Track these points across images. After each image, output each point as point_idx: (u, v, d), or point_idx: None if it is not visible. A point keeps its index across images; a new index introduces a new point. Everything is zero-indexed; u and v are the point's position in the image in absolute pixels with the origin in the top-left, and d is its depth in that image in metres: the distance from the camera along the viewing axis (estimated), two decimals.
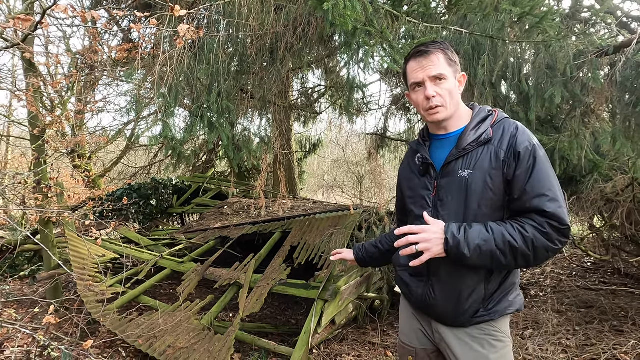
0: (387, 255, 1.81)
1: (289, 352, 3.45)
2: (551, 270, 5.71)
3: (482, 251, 1.27)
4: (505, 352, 1.42)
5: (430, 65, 1.40)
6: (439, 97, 1.40)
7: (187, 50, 2.55)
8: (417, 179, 1.52)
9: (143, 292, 4.31)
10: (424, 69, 1.41)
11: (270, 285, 4.00)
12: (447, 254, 1.29)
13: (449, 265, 1.39)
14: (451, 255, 1.29)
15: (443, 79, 1.40)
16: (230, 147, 2.99)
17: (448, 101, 1.41)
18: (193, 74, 2.74)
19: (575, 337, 3.53)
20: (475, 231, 1.29)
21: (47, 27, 2.14)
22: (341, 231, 3.92)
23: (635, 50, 2.24)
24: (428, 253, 1.29)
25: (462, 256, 1.28)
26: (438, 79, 1.40)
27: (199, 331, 3.65)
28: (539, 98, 2.51)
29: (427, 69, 1.40)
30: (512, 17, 2.63)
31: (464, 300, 1.40)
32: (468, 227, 1.31)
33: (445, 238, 1.29)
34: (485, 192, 1.33)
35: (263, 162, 3.70)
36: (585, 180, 3.44)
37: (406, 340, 1.63)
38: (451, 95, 1.41)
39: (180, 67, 2.57)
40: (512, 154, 1.32)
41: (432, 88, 1.40)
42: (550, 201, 1.25)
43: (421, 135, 1.57)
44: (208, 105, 2.61)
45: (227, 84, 2.72)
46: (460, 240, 1.27)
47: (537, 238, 1.25)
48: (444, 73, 1.39)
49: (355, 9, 2.12)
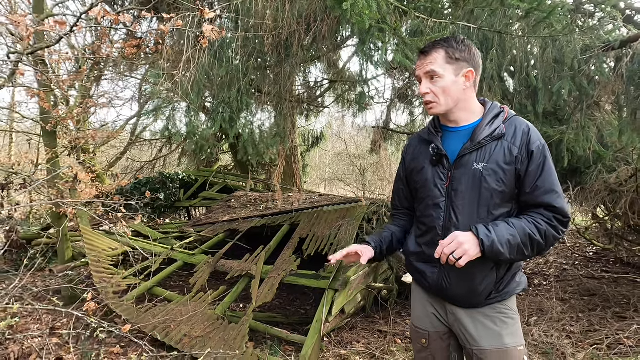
0: (399, 243, 1.79)
1: (301, 340, 3.55)
2: (554, 260, 5.82)
3: (511, 245, 1.39)
4: (516, 328, 1.54)
5: (427, 63, 1.49)
6: (431, 94, 1.50)
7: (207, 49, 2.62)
8: (429, 168, 1.58)
9: (156, 283, 4.41)
10: (421, 67, 1.52)
11: (281, 275, 4.10)
12: (484, 254, 1.38)
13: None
14: (487, 254, 1.38)
15: (437, 77, 1.48)
16: (250, 142, 3.06)
17: (441, 98, 1.49)
18: (213, 71, 2.82)
19: (579, 323, 3.64)
20: (502, 228, 1.40)
21: (80, 29, 2.20)
22: (351, 223, 4.01)
23: None
24: (466, 257, 1.36)
25: (498, 253, 1.38)
26: (432, 77, 1.49)
27: (213, 320, 3.76)
28: (547, 91, 2.58)
29: (423, 66, 1.51)
30: (519, 12, 2.69)
31: (478, 284, 1.49)
32: (494, 225, 1.41)
33: (480, 240, 1.37)
34: (498, 184, 1.43)
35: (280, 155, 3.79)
36: (589, 171, 3.52)
37: (419, 325, 1.71)
38: (445, 92, 1.48)
39: (202, 65, 2.64)
40: (525, 151, 1.43)
41: (425, 85, 1.51)
42: (558, 197, 1.42)
43: (432, 126, 1.63)
44: (229, 101, 2.69)
45: (245, 80, 2.79)
46: (494, 239, 1.37)
47: (548, 230, 1.41)
48: (438, 71, 1.47)
49: (371, 8, 2.19)
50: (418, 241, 1.65)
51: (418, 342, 1.71)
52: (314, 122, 10.45)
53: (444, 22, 2.93)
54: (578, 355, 2.96)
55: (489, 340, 1.51)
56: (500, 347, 1.49)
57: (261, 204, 6.19)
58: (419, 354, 1.71)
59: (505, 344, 1.49)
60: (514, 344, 1.50)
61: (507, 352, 1.49)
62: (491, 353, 1.49)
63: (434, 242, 1.53)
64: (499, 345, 1.49)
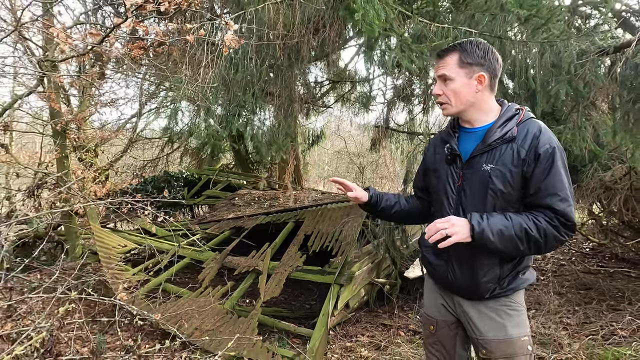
0: (399, 214, 1.91)
1: (308, 333, 3.68)
2: (551, 255, 5.97)
3: (503, 236, 1.44)
4: (520, 319, 1.62)
5: (440, 67, 1.60)
6: (444, 96, 1.61)
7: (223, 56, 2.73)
8: (444, 167, 1.68)
9: (166, 279, 4.53)
10: (436, 70, 1.63)
11: (288, 271, 4.23)
12: (473, 238, 1.46)
13: (468, 247, 1.54)
14: (476, 239, 1.45)
15: (449, 80, 1.58)
16: (263, 142, 3.19)
17: (452, 100, 1.59)
18: (229, 75, 2.94)
19: (575, 315, 3.79)
20: (497, 218, 1.47)
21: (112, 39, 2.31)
22: (355, 220, 4.14)
23: (635, 51, 2.44)
24: (455, 237, 1.44)
25: (486, 240, 1.44)
26: (445, 79, 1.60)
27: (222, 314, 3.89)
28: (545, 94, 2.71)
29: (438, 69, 1.62)
30: (519, 18, 2.81)
31: (480, 279, 1.58)
32: (489, 215, 1.49)
33: (471, 225, 1.46)
34: (505, 185, 1.50)
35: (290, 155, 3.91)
36: (585, 169, 3.66)
37: (429, 312, 1.84)
38: (456, 94, 1.58)
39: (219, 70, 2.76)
40: (533, 154, 1.47)
41: (438, 87, 1.63)
42: (560, 201, 1.44)
43: (451, 126, 1.73)
44: (244, 104, 2.80)
45: (259, 84, 2.91)
46: (484, 226, 1.45)
47: (548, 228, 1.43)
48: (449, 75, 1.57)
49: (381, 17, 2.31)
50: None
51: (427, 328, 1.84)
52: (315, 120, 10.56)
53: (446, 27, 3.05)
54: (574, 345, 3.10)
55: (493, 331, 1.59)
56: (504, 337, 1.57)
57: (265, 202, 6.31)
58: (428, 339, 1.84)
59: (509, 335, 1.57)
60: (518, 334, 1.58)
61: (511, 342, 1.57)
62: (495, 343, 1.58)
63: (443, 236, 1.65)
64: (503, 336, 1.57)
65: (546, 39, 2.77)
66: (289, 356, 3.36)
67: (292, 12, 2.75)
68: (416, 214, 1.93)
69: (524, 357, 1.58)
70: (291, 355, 3.38)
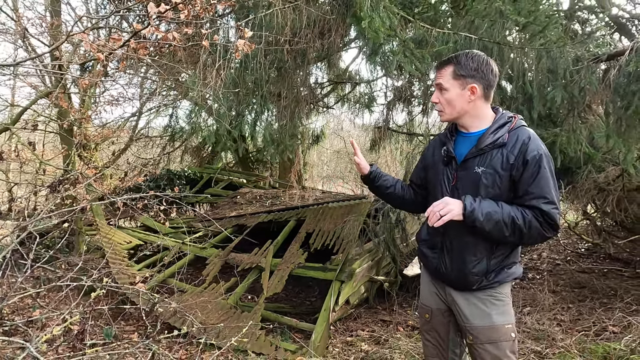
0: (392, 195, 2.07)
1: (310, 328, 3.79)
2: (547, 255, 6.09)
3: (491, 219, 1.59)
4: (505, 309, 1.77)
5: (438, 77, 1.76)
6: (440, 104, 1.78)
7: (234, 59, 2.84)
8: (440, 167, 1.84)
9: (170, 275, 4.63)
10: (435, 79, 1.80)
11: (290, 267, 4.33)
12: (464, 217, 1.61)
13: (459, 241, 1.73)
14: (467, 217, 1.61)
15: (444, 89, 1.74)
16: (271, 143, 3.30)
17: (447, 108, 1.76)
18: (239, 78, 3.04)
19: (569, 312, 3.91)
20: (488, 203, 1.63)
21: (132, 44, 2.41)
22: (356, 218, 4.24)
23: (627, 60, 2.56)
24: (449, 215, 1.61)
25: (475, 220, 1.59)
26: (440, 89, 1.76)
27: (227, 309, 3.99)
28: (541, 98, 2.83)
29: (436, 79, 1.79)
30: (517, 24, 2.92)
31: (468, 271, 1.73)
32: (482, 199, 1.65)
33: (463, 204, 1.62)
34: (494, 187, 1.67)
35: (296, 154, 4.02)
36: (580, 171, 3.79)
37: (425, 301, 1.99)
38: (450, 103, 1.74)
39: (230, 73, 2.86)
40: (521, 160, 1.62)
41: (435, 95, 1.80)
42: (546, 203, 1.59)
43: (449, 130, 1.88)
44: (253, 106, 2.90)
45: (267, 86, 3.02)
46: (475, 207, 1.60)
47: (533, 222, 1.59)
48: (445, 85, 1.72)
49: (386, 24, 2.42)
50: (428, 230, 1.91)
51: (423, 316, 1.99)
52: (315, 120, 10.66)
53: (447, 32, 3.16)
54: (567, 340, 3.22)
55: (479, 319, 1.74)
56: (490, 324, 1.72)
57: (266, 200, 6.41)
58: (424, 327, 2.00)
59: (493, 322, 1.72)
60: (502, 322, 1.73)
61: (496, 328, 1.72)
62: (481, 329, 1.73)
63: (438, 231, 1.79)
64: (488, 323, 1.72)
65: (543, 45, 2.89)
66: (291, 349, 3.47)
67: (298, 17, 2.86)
68: (408, 202, 2.09)
69: (507, 343, 1.73)
70: (294, 348, 3.49)
